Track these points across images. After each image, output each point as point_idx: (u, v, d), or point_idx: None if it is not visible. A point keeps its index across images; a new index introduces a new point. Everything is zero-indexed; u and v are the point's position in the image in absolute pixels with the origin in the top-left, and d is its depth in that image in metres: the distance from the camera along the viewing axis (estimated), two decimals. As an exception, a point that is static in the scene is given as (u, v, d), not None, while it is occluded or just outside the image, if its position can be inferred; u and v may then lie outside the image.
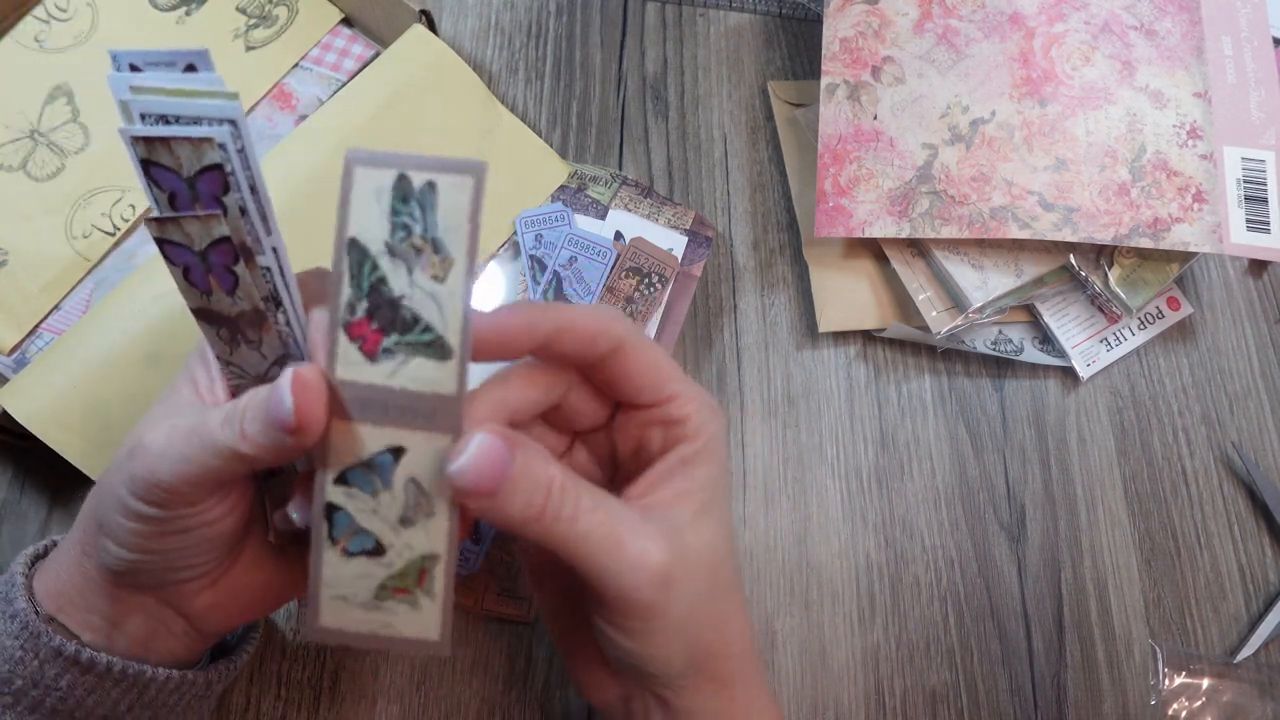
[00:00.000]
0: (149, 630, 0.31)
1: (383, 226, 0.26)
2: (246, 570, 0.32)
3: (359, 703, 0.41)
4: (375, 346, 0.26)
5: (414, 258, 0.26)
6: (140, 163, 0.25)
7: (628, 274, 0.46)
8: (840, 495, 0.47)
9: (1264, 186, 0.48)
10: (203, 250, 0.26)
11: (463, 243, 0.25)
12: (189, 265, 0.26)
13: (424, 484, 0.27)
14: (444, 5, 0.55)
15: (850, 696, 0.44)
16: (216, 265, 0.26)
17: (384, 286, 0.26)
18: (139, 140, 0.25)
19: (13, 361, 0.44)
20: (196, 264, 0.26)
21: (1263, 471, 0.49)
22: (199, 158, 0.25)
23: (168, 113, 0.25)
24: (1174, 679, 0.45)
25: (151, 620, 0.31)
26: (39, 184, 0.46)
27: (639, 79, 0.55)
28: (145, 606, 0.31)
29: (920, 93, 0.49)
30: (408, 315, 0.26)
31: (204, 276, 0.27)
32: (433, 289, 0.26)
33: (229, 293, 0.27)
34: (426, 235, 0.26)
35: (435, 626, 0.27)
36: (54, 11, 0.49)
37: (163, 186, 0.26)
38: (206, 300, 0.27)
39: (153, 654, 0.31)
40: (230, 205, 0.26)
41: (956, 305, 0.49)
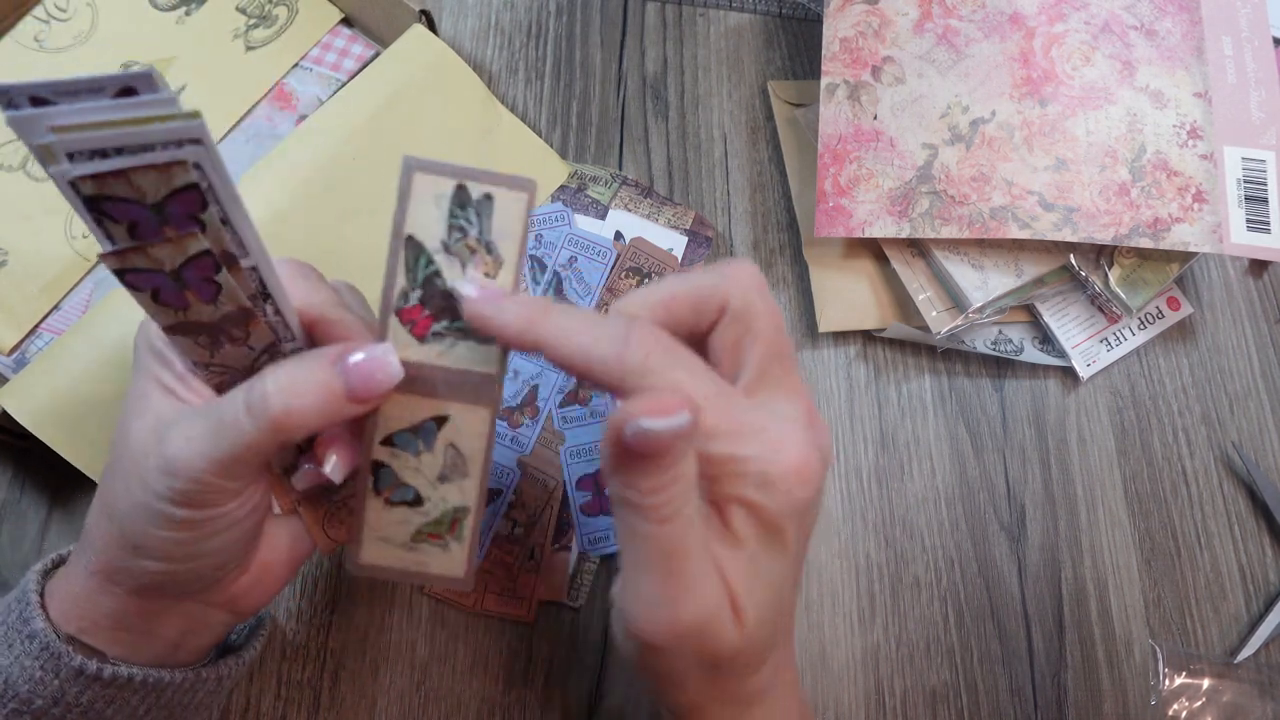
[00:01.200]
0: (185, 629, 0.31)
1: (440, 227, 0.29)
2: (269, 544, 0.32)
3: (359, 703, 0.41)
4: (425, 330, 0.30)
5: (468, 256, 0.29)
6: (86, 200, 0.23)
7: (628, 274, 0.46)
8: (840, 495, 0.47)
9: (1264, 186, 0.48)
10: (175, 269, 0.25)
11: (514, 247, 0.30)
12: (159, 287, 0.25)
13: (461, 448, 0.31)
14: (444, 5, 0.55)
15: (850, 696, 0.44)
16: (193, 280, 0.26)
17: (437, 279, 0.29)
18: (86, 179, 0.22)
19: (13, 361, 0.44)
20: (168, 284, 0.25)
21: (1263, 471, 0.49)
22: (168, 182, 0.23)
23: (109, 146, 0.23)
24: (1174, 679, 0.45)
25: (189, 619, 0.31)
26: (39, 184, 0.46)
27: (639, 79, 0.55)
28: (183, 609, 0.31)
29: (920, 93, 0.49)
30: (457, 305, 0.29)
31: (179, 294, 0.26)
32: (484, 284, 0.29)
33: (210, 301, 0.26)
34: (481, 239, 0.29)
35: (461, 566, 0.32)
36: (54, 11, 0.49)
37: (118, 219, 0.24)
38: (183, 315, 0.26)
39: (183, 651, 0.32)
40: (210, 219, 0.25)
41: (956, 305, 0.49)
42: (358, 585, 0.43)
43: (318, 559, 0.44)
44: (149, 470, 0.27)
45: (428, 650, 0.43)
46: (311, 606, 0.43)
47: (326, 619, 0.43)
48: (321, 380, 0.27)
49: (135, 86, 0.23)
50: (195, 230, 0.25)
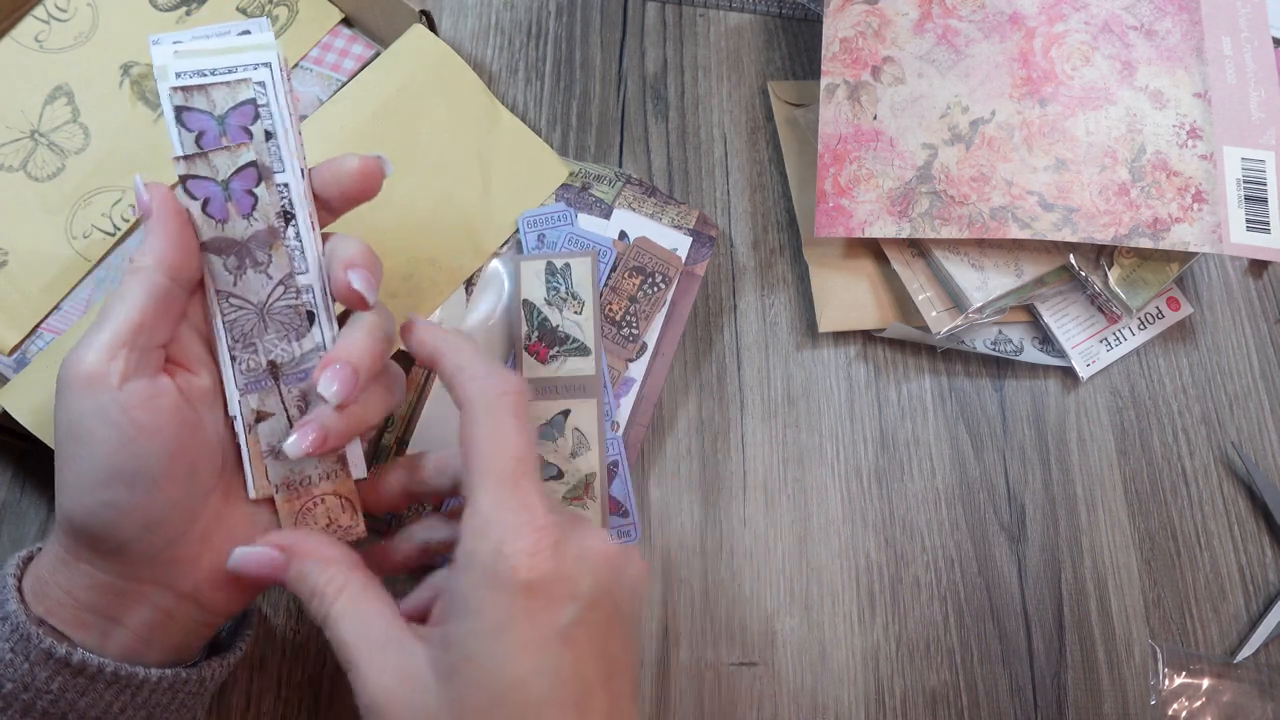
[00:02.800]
0: (151, 622, 0.31)
1: (541, 290, 0.44)
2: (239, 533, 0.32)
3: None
4: (545, 357, 0.44)
5: (562, 305, 0.44)
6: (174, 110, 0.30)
7: (631, 273, 0.47)
8: (840, 495, 0.47)
9: (1264, 186, 0.48)
10: (226, 179, 0.30)
11: (589, 292, 0.44)
12: (210, 197, 0.30)
13: (583, 430, 0.43)
14: (444, 5, 0.55)
15: (850, 696, 0.44)
16: (238, 191, 0.31)
17: (546, 323, 0.44)
18: (176, 90, 0.29)
19: (13, 361, 0.44)
20: (218, 194, 0.30)
21: (1263, 471, 0.49)
22: (234, 96, 0.30)
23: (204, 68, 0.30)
24: (1174, 679, 0.45)
25: (155, 611, 0.31)
26: (39, 184, 0.46)
27: (639, 79, 0.55)
28: (145, 596, 0.30)
29: (920, 93, 0.49)
30: (562, 335, 0.44)
31: (223, 205, 0.31)
32: (575, 319, 0.44)
33: (245, 216, 0.31)
34: (568, 292, 0.44)
35: (599, 519, 0.43)
36: (54, 12, 0.49)
37: (191, 128, 0.30)
38: (220, 229, 0.31)
39: (153, 649, 0.31)
40: (256, 131, 0.30)
41: (956, 305, 0.49)
42: (358, 585, 0.43)
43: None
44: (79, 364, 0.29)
45: (428, 650, 0.43)
46: (312, 606, 0.43)
47: (327, 619, 0.43)
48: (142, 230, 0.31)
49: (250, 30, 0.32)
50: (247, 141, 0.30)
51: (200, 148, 0.30)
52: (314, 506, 0.34)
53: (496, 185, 0.48)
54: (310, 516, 0.34)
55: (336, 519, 0.34)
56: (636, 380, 0.46)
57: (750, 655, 0.44)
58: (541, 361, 0.44)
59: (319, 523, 0.34)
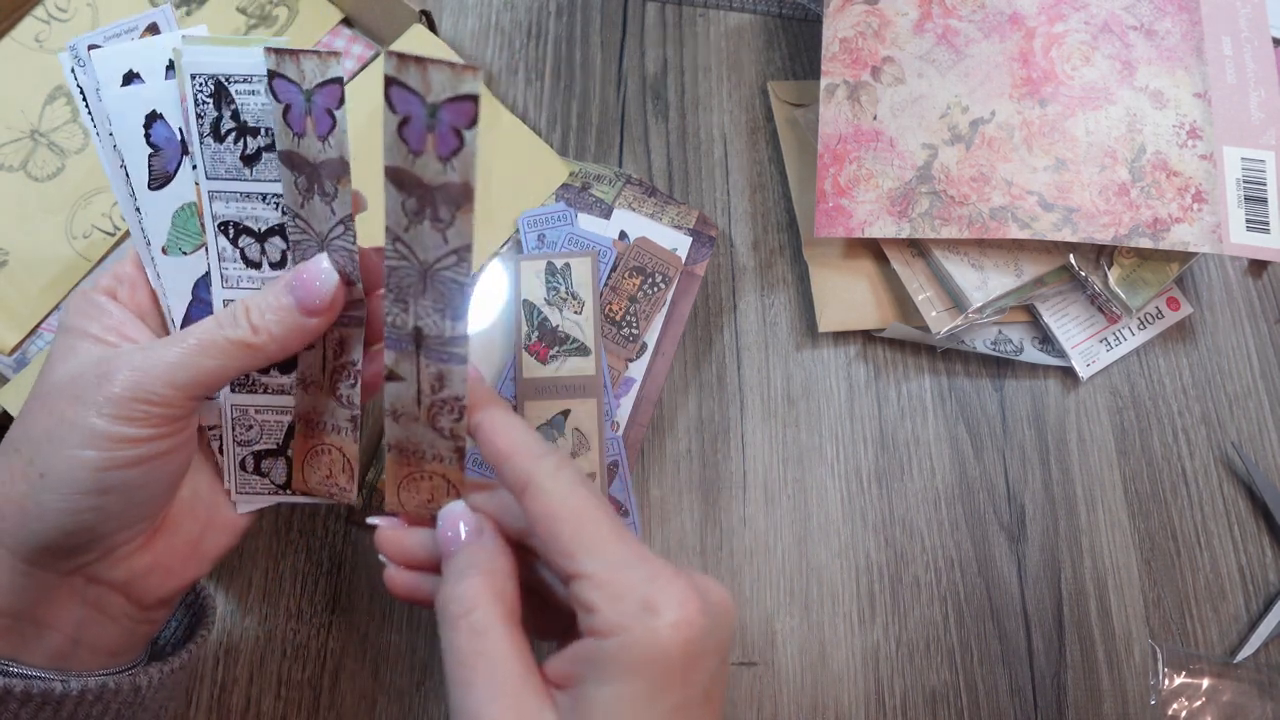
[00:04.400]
0: (79, 620, 0.28)
1: (541, 290, 0.45)
2: (174, 526, 0.31)
3: (359, 703, 0.41)
4: (545, 356, 0.44)
5: (562, 304, 0.44)
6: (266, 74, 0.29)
7: (631, 273, 0.47)
8: (840, 495, 0.47)
9: (1264, 186, 0.48)
10: (310, 89, 0.28)
11: (589, 292, 0.45)
12: (291, 104, 0.29)
13: (583, 430, 0.43)
14: (444, 5, 0.55)
15: (850, 696, 0.44)
16: (319, 107, 0.29)
17: (546, 323, 0.44)
18: (269, 51, 0.28)
19: (13, 361, 0.44)
20: (300, 103, 0.29)
21: (1263, 472, 0.49)
22: (323, 71, 0.28)
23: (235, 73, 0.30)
24: (1174, 679, 0.45)
25: (82, 607, 0.28)
26: (39, 184, 0.46)
27: (639, 79, 0.55)
28: (73, 589, 0.28)
29: (920, 93, 0.49)
30: (562, 335, 0.44)
31: (302, 118, 0.29)
32: (575, 319, 0.44)
33: (322, 137, 0.29)
34: (568, 291, 0.45)
35: None
36: (54, 12, 0.49)
37: (280, 97, 0.29)
38: (296, 143, 0.29)
39: (83, 649, 0.29)
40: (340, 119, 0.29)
41: (956, 305, 0.49)
42: (358, 585, 0.43)
43: (319, 559, 0.44)
44: (86, 388, 0.27)
45: (428, 650, 0.43)
46: (311, 606, 0.43)
47: (326, 619, 0.43)
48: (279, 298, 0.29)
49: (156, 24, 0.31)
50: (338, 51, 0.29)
51: (288, 124, 0.29)
52: (419, 479, 0.32)
53: (496, 185, 0.48)
54: (413, 487, 0.32)
55: (438, 499, 0.32)
56: (636, 380, 0.46)
57: (750, 655, 0.44)
58: (541, 361, 0.44)
59: (421, 495, 0.32)
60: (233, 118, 0.30)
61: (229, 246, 0.31)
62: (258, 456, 0.33)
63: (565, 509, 0.26)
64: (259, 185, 0.31)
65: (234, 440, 0.33)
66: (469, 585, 0.27)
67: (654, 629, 0.24)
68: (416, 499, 0.32)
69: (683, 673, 0.25)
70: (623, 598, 0.25)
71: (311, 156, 0.29)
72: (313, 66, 0.28)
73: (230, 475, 0.33)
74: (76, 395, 0.27)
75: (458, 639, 0.26)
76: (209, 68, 0.29)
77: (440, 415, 0.30)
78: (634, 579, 0.25)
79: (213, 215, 0.31)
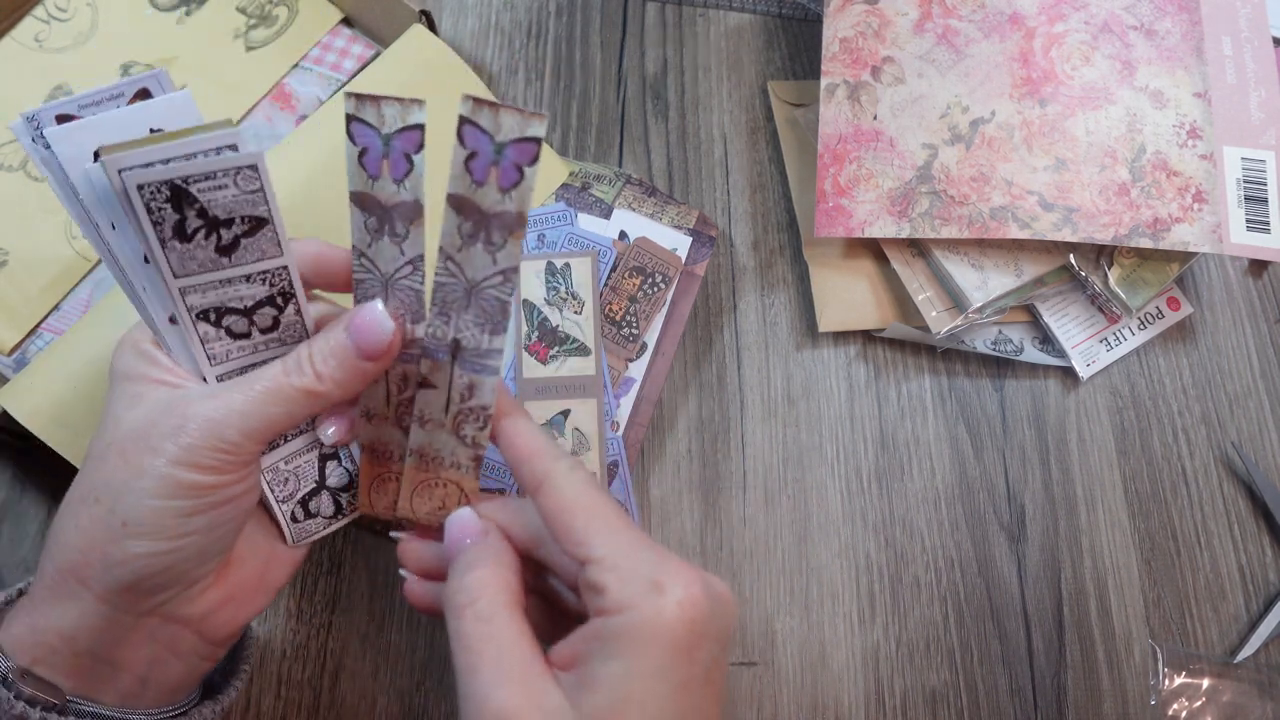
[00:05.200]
0: (151, 659, 0.30)
1: (541, 290, 0.45)
2: (242, 562, 0.32)
3: (359, 703, 0.41)
4: (545, 356, 0.44)
5: (562, 304, 0.45)
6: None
7: (631, 273, 0.47)
8: (840, 495, 0.47)
9: (1264, 186, 0.48)
10: (389, 134, 0.29)
11: (589, 292, 0.45)
12: (369, 148, 0.29)
13: (583, 430, 0.44)
14: (444, 5, 0.55)
15: (850, 696, 0.44)
16: (397, 151, 0.29)
17: (546, 323, 0.45)
18: (349, 96, 0.28)
19: (13, 361, 0.44)
20: (377, 147, 0.29)
21: (1263, 471, 0.49)
22: (404, 116, 0.29)
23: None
24: (1174, 679, 0.45)
25: (153, 646, 0.30)
26: (39, 184, 0.46)
27: (639, 79, 0.55)
28: (148, 630, 0.29)
29: (920, 93, 0.49)
30: (562, 335, 0.44)
31: (378, 161, 0.29)
32: (575, 319, 0.45)
33: (398, 181, 0.29)
34: (568, 291, 0.45)
35: None
36: (54, 12, 0.49)
37: (357, 141, 0.29)
38: (370, 185, 0.30)
39: (150, 689, 0.30)
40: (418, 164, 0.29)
41: (956, 305, 0.49)
42: (358, 585, 0.43)
43: (319, 559, 0.44)
44: (160, 438, 0.28)
45: (428, 650, 0.43)
46: (311, 606, 0.43)
47: (326, 619, 0.43)
48: (342, 343, 0.30)
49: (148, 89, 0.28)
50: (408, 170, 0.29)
51: (363, 167, 0.29)
52: (434, 486, 0.33)
53: (496, 185, 0.48)
54: (427, 493, 0.33)
55: (449, 506, 0.33)
56: (636, 380, 0.46)
57: (750, 655, 0.44)
58: (541, 361, 0.44)
59: (433, 502, 0.33)
60: (199, 215, 0.28)
61: (211, 329, 0.30)
62: (304, 503, 0.34)
63: (579, 503, 0.28)
64: (241, 269, 0.29)
65: (276, 499, 0.33)
66: (474, 576, 0.29)
67: (661, 606, 0.26)
68: (428, 505, 0.33)
69: (687, 650, 0.26)
70: (632, 578, 0.26)
71: (384, 199, 0.30)
72: (393, 112, 0.29)
73: (286, 528, 0.34)
74: (151, 445, 0.28)
75: (464, 626, 0.28)
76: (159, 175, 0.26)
77: (465, 423, 0.32)
78: (643, 562, 0.27)
79: (188, 308, 0.29)
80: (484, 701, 0.26)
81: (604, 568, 0.27)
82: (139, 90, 0.28)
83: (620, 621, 0.26)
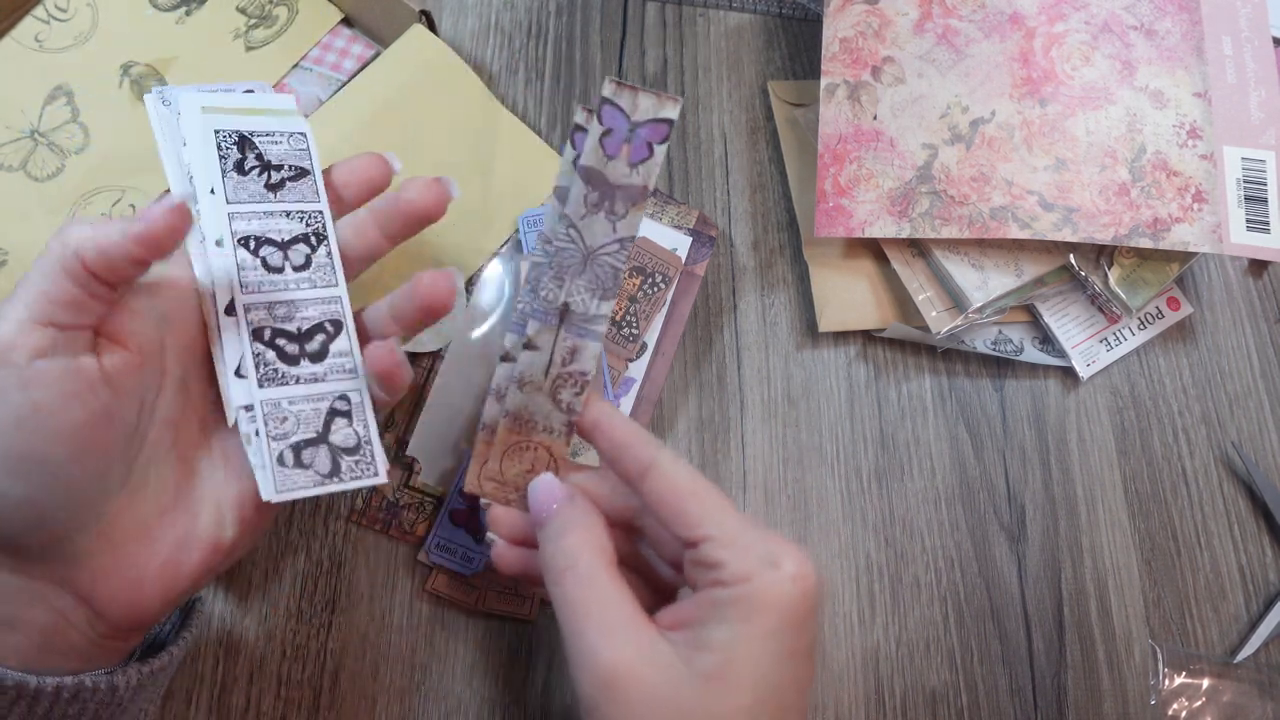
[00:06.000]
0: (47, 627, 0.28)
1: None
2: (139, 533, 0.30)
3: (359, 703, 0.41)
4: None
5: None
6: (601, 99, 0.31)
7: (631, 273, 0.46)
8: (840, 495, 0.47)
9: (1264, 186, 0.48)
10: (638, 121, 0.32)
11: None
12: (614, 129, 0.32)
13: None
14: (444, 5, 0.55)
15: (850, 696, 0.44)
16: (640, 138, 0.32)
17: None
18: (610, 80, 0.31)
19: (13, 361, 0.44)
20: (623, 131, 0.32)
21: (1263, 471, 0.49)
22: (658, 109, 0.32)
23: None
24: (1174, 679, 0.45)
25: (51, 614, 0.28)
26: (39, 184, 0.46)
27: (639, 79, 0.55)
28: (44, 596, 0.28)
29: (920, 93, 0.49)
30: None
31: (619, 144, 0.32)
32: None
33: (633, 165, 0.32)
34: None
35: None
36: (54, 11, 0.49)
37: (604, 121, 0.32)
38: (604, 164, 0.32)
39: (53, 656, 0.28)
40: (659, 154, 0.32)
41: (956, 305, 0.49)
42: (358, 585, 0.43)
43: (319, 559, 0.44)
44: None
45: (428, 650, 0.43)
46: (311, 606, 0.43)
47: (326, 619, 0.43)
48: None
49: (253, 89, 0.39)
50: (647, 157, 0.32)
51: (602, 147, 0.32)
52: (525, 449, 0.34)
53: (496, 185, 0.48)
54: (517, 456, 0.35)
55: (538, 469, 0.34)
56: (636, 380, 0.46)
57: (750, 655, 0.44)
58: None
59: (522, 465, 0.34)
60: (256, 159, 0.35)
61: (249, 257, 0.34)
62: (296, 449, 0.32)
63: (689, 487, 0.30)
64: (282, 205, 0.35)
65: (269, 435, 0.32)
66: (570, 540, 0.30)
67: (779, 579, 0.28)
68: (517, 467, 0.34)
69: (798, 621, 0.28)
70: (749, 552, 0.28)
71: (614, 179, 0.32)
72: (649, 103, 0.32)
73: (270, 473, 0.32)
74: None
75: (566, 590, 0.29)
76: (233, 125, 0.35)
77: (563, 388, 0.33)
78: (757, 539, 0.29)
79: (232, 232, 0.34)
80: (594, 657, 0.27)
81: (720, 544, 0.28)
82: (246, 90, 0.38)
83: (739, 591, 0.28)
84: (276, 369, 0.33)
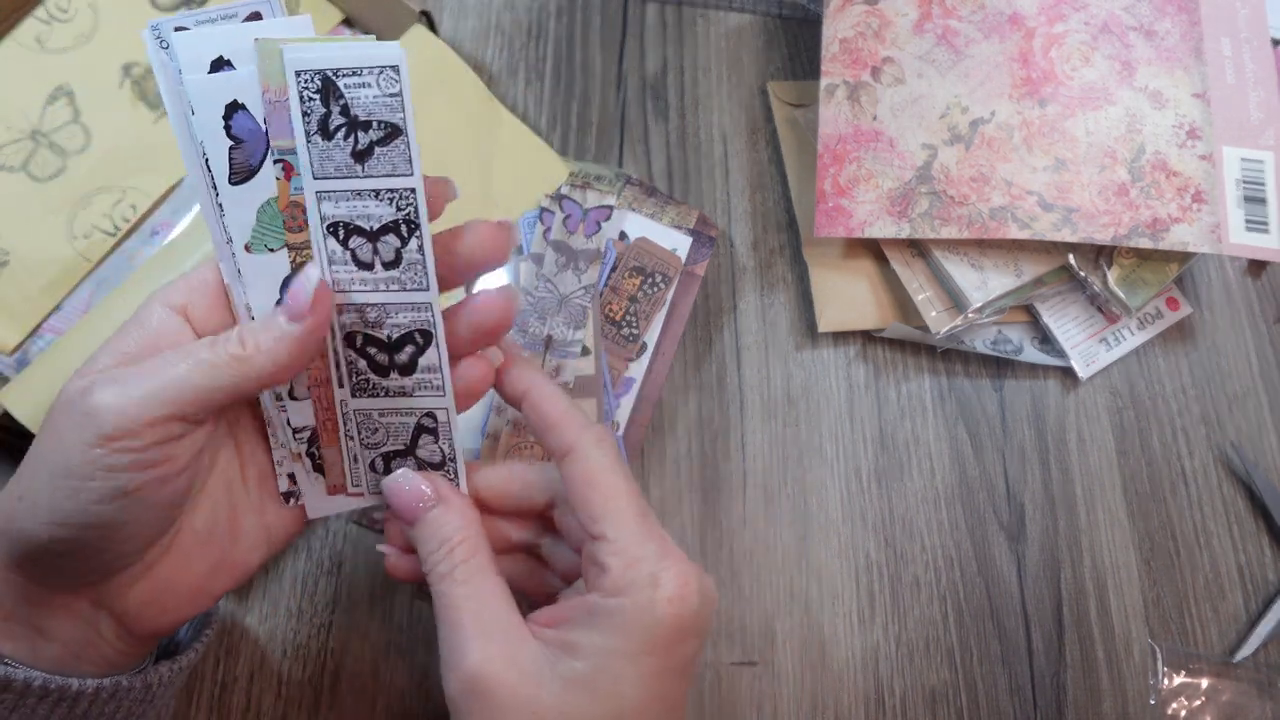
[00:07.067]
0: (80, 638, 0.29)
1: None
2: (180, 561, 0.30)
3: (359, 703, 0.41)
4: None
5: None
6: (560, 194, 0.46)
7: (631, 273, 0.47)
8: (840, 495, 0.47)
9: (1263, 187, 0.48)
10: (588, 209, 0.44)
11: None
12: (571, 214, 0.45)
13: None
14: (444, 5, 0.55)
15: (850, 696, 0.44)
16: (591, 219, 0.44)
17: None
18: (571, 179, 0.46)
19: (14, 361, 0.44)
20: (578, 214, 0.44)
21: (1262, 471, 0.49)
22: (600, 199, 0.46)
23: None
24: (1173, 679, 0.45)
25: (84, 627, 0.29)
26: (40, 184, 0.46)
27: (639, 80, 0.55)
28: (78, 611, 0.28)
29: (920, 93, 0.50)
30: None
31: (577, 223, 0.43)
32: None
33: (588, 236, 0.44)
34: None
35: None
36: (55, 12, 0.49)
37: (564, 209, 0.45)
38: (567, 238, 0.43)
39: (85, 663, 0.29)
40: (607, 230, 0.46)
41: (956, 305, 0.49)
42: (358, 585, 0.43)
43: (319, 559, 0.44)
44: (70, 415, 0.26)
45: (427, 652, 0.43)
46: (312, 606, 0.43)
47: (326, 619, 0.43)
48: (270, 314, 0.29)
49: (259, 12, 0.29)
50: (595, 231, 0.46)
51: (565, 225, 0.46)
52: (523, 450, 0.40)
53: (496, 185, 0.48)
54: (517, 456, 0.41)
55: None
56: (636, 380, 0.46)
57: (750, 655, 0.44)
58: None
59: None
60: (342, 113, 0.28)
61: (339, 249, 0.29)
62: (387, 458, 0.33)
63: (601, 478, 0.30)
64: (371, 182, 0.29)
65: (361, 444, 0.32)
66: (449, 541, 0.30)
67: (653, 600, 0.28)
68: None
69: (667, 645, 0.28)
70: (633, 566, 0.28)
71: (575, 246, 0.45)
72: (594, 196, 0.47)
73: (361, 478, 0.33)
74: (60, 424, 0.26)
75: (439, 590, 0.29)
76: (314, 63, 0.27)
77: None
78: (647, 553, 0.28)
79: (321, 217, 0.29)
80: (461, 660, 0.28)
81: (611, 550, 0.28)
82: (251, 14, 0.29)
83: (614, 604, 0.28)
84: (368, 380, 0.31)
